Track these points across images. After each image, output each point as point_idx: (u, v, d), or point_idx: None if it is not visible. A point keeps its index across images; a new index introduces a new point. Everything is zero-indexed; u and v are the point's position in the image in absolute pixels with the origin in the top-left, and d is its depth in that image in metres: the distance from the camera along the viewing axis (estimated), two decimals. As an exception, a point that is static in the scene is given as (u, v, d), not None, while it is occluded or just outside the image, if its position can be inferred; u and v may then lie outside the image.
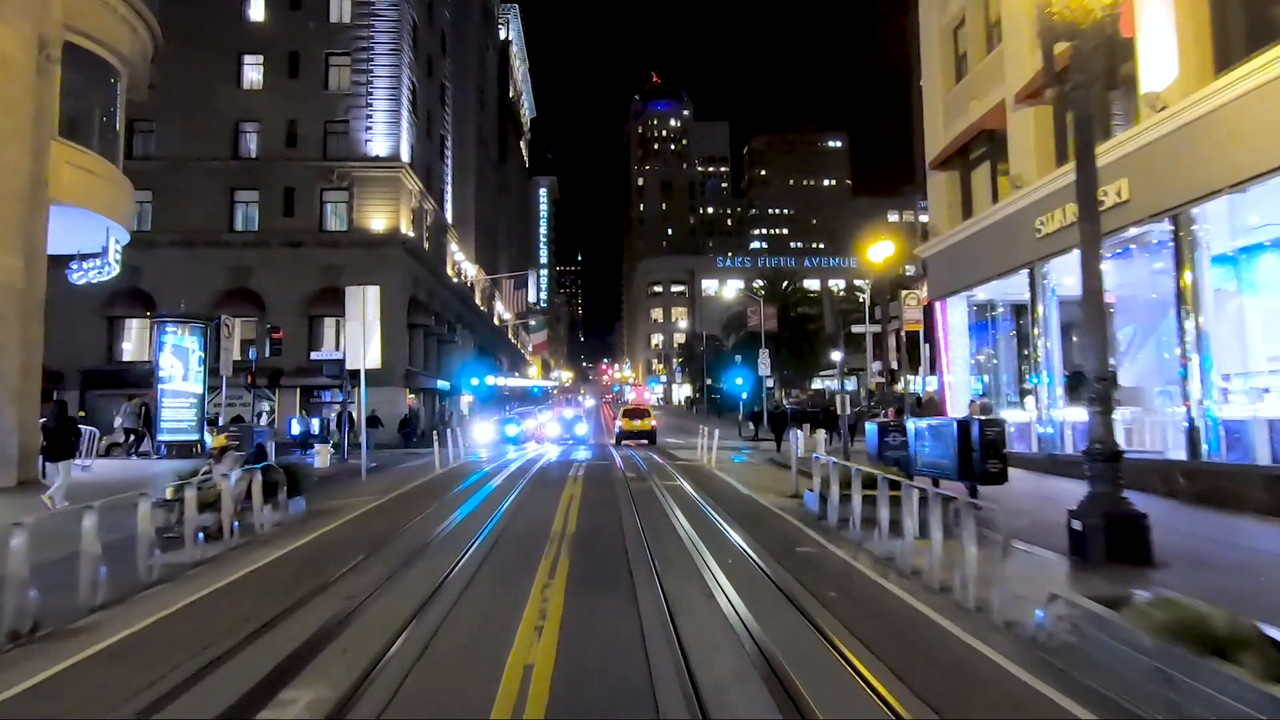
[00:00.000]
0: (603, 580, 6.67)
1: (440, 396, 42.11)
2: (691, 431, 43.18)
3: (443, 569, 6.99)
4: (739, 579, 6.58)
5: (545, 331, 71.69)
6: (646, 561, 7.40)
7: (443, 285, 43.64)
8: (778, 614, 5.58)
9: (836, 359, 56.94)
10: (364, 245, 34.72)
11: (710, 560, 7.44)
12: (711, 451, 19.10)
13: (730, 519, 9.88)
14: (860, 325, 38.00)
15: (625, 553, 7.99)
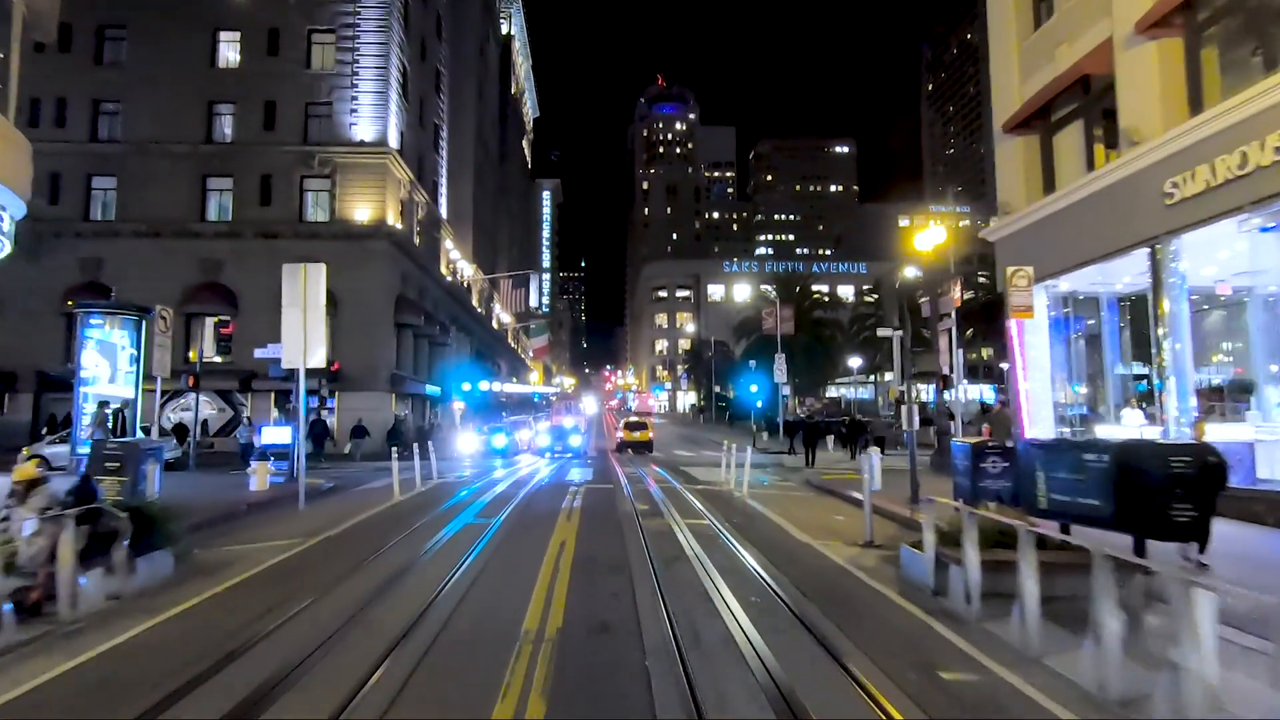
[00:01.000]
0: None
1: (431, 403, 39.14)
2: (701, 443, 40.45)
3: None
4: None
5: (546, 336, 68.73)
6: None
7: (435, 284, 40.72)
8: None
9: (855, 365, 54.10)
10: (347, 237, 31.84)
11: (807, 706, 4.16)
12: (736, 470, 15.93)
13: (803, 596, 6.60)
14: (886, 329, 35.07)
15: (648, 687, 4.48)
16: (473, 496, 13.54)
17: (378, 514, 11.35)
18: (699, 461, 24.02)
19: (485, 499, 13.07)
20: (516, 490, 14.71)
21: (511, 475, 18.69)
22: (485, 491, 14.43)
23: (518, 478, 17.89)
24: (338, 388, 30.80)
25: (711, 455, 28.96)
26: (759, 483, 16.86)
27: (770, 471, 20.70)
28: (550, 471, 19.92)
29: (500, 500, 12.99)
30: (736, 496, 13.40)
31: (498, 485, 15.73)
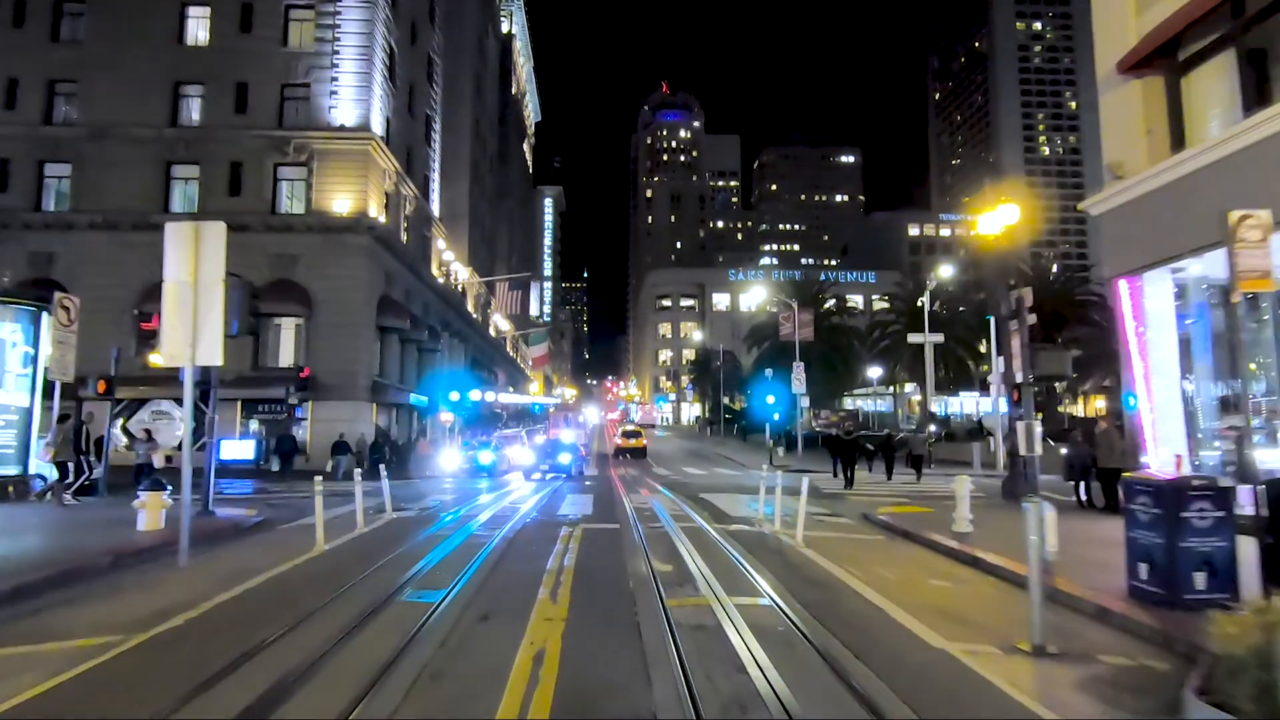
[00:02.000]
0: None
1: (420, 414, 36.03)
2: (712, 459, 37.35)
3: None
4: None
5: (546, 344, 65.72)
6: None
7: (425, 285, 37.74)
8: None
9: (875, 375, 51.01)
10: (324, 230, 28.88)
11: None
12: (769, 495, 12.60)
13: None
14: (917, 335, 32.02)
15: None
16: (425, 544, 9.69)
17: (279, 577, 7.61)
18: (717, 485, 20.68)
19: (441, 549, 9.33)
20: (490, 533, 10.78)
21: (490, 505, 15.08)
22: (445, 535, 10.65)
23: (497, 510, 14.02)
24: (310, 397, 27.74)
25: (728, 475, 25.78)
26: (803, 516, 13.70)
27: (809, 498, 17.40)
28: (539, 500, 16.10)
29: (462, 552, 9.04)
30: (787, 543, 10.01)
31: (467, 523, 12.09)
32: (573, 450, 26.96)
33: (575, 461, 26.19)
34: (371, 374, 29.83)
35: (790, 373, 37.11)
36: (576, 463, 26.41)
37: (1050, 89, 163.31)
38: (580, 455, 28.03)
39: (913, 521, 11.57)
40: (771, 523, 11.73)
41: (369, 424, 29.42)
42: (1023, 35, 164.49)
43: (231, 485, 21.90)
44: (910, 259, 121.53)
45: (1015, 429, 15.60)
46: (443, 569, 7.93)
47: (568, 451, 26.52)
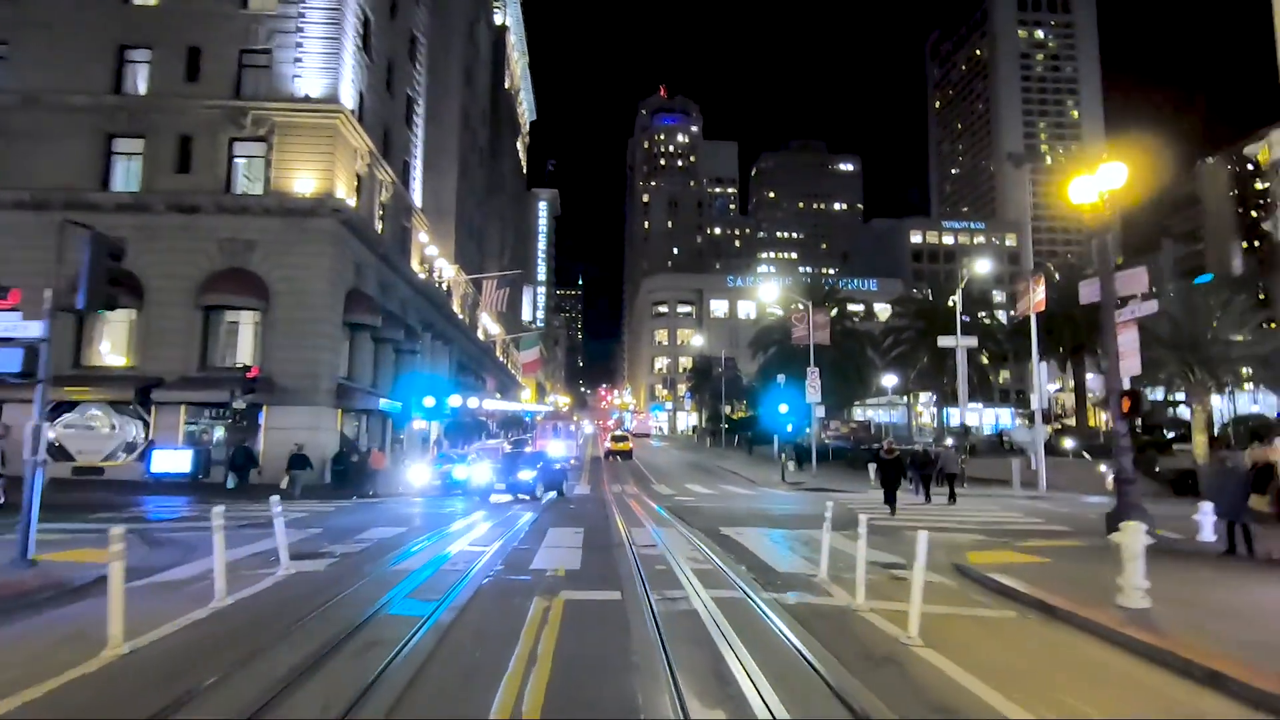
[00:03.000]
0: None
1: (395, 421, 32.59)
2: (717, 474, 33.28)
3: None
4: None
5: (538, 349, 62.44)
6: None
7: (403, 280, 34.42)
8: None
9: (889, 384, 47.86)
10: (284, 213, 25.56)
11: None
12: (825, 546, 9.25)
13: None
14: (948, 337, 28.86)
15: None
16: (294, 642, 5.99)
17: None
18: (735, 512, 16.45)
19: (315, 658, 5.48)
20: (418, 612, 6.92)
21: (444, 544, 11.19)
22: (340, 617, 6.68)
23: (450, 556, 10.09)
24: (264, 400, 24.37)
25: (742, 497, 22.42)
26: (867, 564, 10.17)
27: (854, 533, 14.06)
28: (511, 536, 11.86)
29: (345, 669, 5.29)
30: (892, 634, 6.41)
31: (393, 585, 8.12)
32: (541, 465, 22.18)
33: (545, 477, 21.38)
34: (336, 376, 26.47)
35: (800, 380, 33.91)
36: (550, 476, 21.79)
37: (1052, 97, 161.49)
38: (560, 470, 23.13)
39: (1041, 583, 8.16)
40: (845, 588, 8.25)
41: (332, 432, 26.04)
42: (1024, 43, 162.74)
43: (159, 504, 18.54)
44: (913, 266, 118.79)
45: (1121, 445, 12.39)
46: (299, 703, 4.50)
47: (528, 467, 21.35)
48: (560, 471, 23.12)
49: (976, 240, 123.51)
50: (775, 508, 18.16)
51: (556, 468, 23.35)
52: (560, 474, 22.91)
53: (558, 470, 23.11)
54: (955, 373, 43.30)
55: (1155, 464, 31.80)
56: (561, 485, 22.50)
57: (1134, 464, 33.47)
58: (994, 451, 42.08)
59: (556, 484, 22.23)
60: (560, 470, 23.14)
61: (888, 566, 9.50)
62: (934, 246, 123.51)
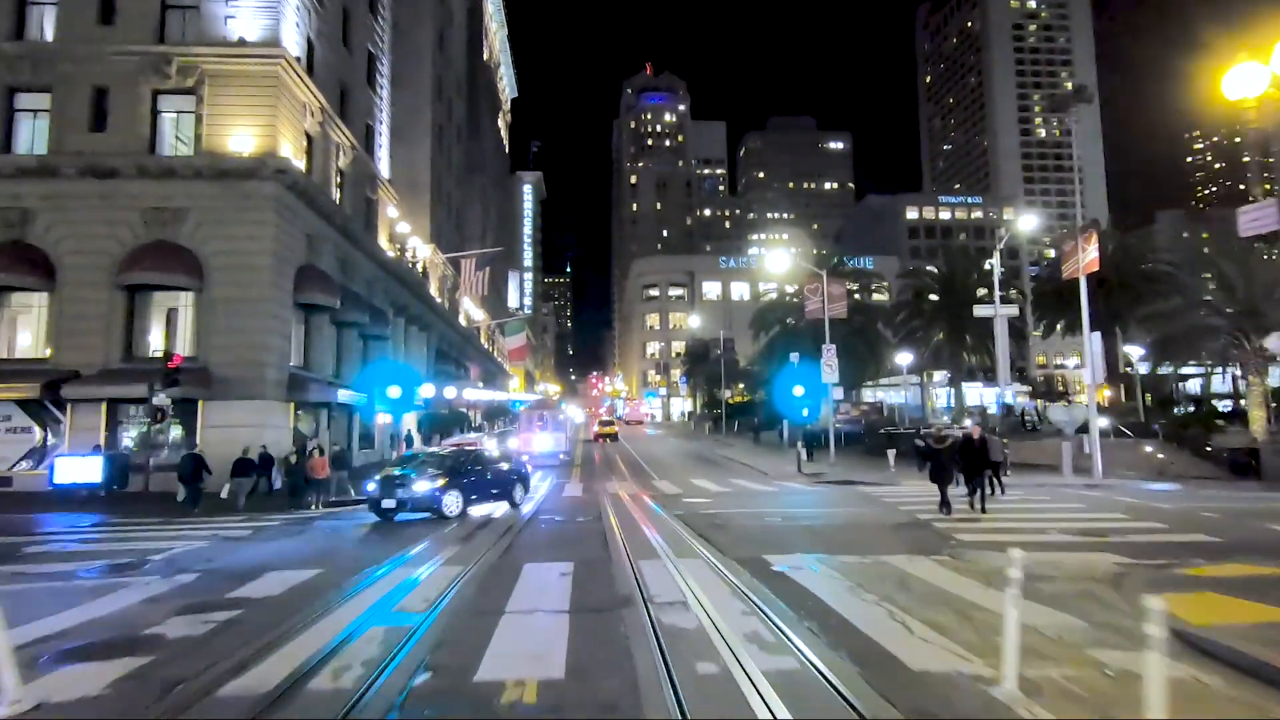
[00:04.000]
0: None
1: (364, 416, 29.08)
2: (723, 465, 29.60)
3: None
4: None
5: (524, 334, 58.97)
6: None
7: (368, 257, 30.83)
8: None
9: (904, 362, 44.70)
10: (218, 176, 21.93)
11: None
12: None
13: None
14: (985, 306, 25.67)
15: None
16: None
17: None
18: (778, 533, 11.83)
19: None
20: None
21: (345, 614, 6.95)
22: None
23: (338, 648, 5.89)
24: (200, 394, 20.92)
25: (762, 496, 19.06)
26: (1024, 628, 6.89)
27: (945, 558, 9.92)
28: (457, 593, 7.75)
29: None
30: None
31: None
32: (472, 468, 16.27)
33: (475, 487, 15.90)
34: (287, 365, 22.98)
35: (809, 359, 30.62)
36: (489, 484, 16.45)
37: (1046, 69, 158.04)
38: (509, 475, 17.37)
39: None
40: (1048, 701, 4.78)
41: (283, 430, 22.58)
42: (1016, 14, 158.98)
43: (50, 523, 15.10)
44: (909, 243, 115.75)
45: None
46: None
47: (423, 478, 15.10)
48: (508, 476, 17.24)
49: (974, 215, 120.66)
50: (810, 512, 14.87)
51: (498, 470, 17.31)
52: (507, 479, 17.08)
53: (503, 474, 17.22)
54: (975, 349, 40.34)
55: (1204, 443, 28.89)
56: (512, 492, 16.93)
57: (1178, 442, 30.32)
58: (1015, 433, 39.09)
59: (501, 492, 16.66)
60: (509, 475, 17.28)
61: (1044, 629, 6.13)
62: (930, 222, 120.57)
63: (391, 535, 12.54)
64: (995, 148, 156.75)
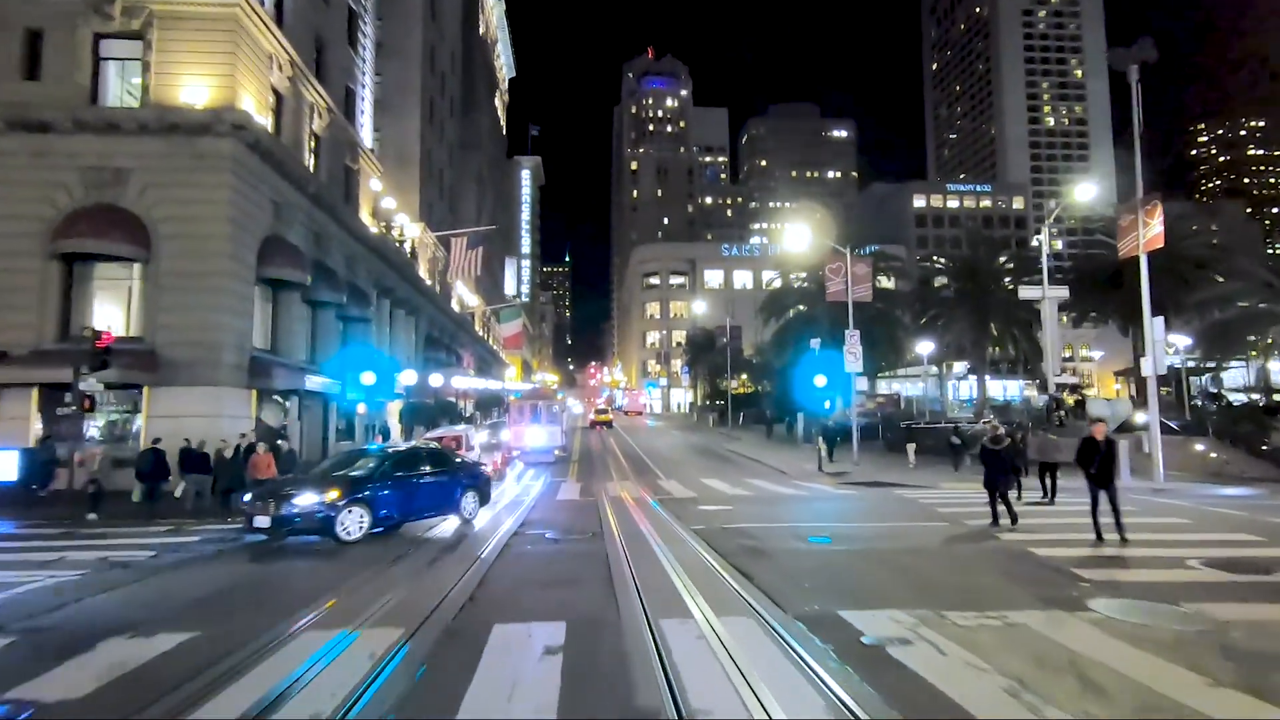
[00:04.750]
0: None
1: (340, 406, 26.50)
2: (733, 462, 26.74)
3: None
4: None
5: (520, 321, 56.41)
6: None
7: (347, 232, 28.17)
8: None
9: (925, 351, 42.13)
10: (167, 131, 19.25)
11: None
12: None
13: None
14: (1032, 288, 23.15)
15: None
16: None
17: None
18: (844, 566, 8.93)
19: None
20: None
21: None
22: None
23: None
24: (144, 379, 18.36)
25: (792, 500, 16.50)
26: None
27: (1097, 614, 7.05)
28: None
29: None
30: None
31: None
32: (356, 484, 11.58)
33: (392, 502, 11.90)
34: (247, 347, 20.37)
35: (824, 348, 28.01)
36: (413, 500, 12.35)
37: (1055, 55, 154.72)
38: (452, 483, 13.26)
39: None
40: None
41: (244, 420, 19.98)
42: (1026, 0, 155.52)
43: None
44: (916, 231, 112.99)
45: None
46: None
47: (308, 488, 11.34)
48: (456, 481, 13.31)
49: (982, 204, 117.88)
50: (860, 529, 12.22)
51: (443, 473, 13.15)
52: (451, 485, 13.15)
53: (447, 479, 13.15)
54: (999, 339, 37.77)
55: (1260, 441, 26.45)
56: (459, 502, 13.17)
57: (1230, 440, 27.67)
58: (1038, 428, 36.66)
59: (441, 504, 12.87)
60: (457, 479, 13.36)
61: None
62: (938, 211, 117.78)
63: (325, 564, 9.80)
64: (1003, 136, 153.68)
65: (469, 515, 13.43)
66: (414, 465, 12.97)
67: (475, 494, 13.76)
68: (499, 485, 20.68)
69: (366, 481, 11.79)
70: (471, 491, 13.66)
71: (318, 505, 10.98)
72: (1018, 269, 37.61)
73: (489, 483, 14.66)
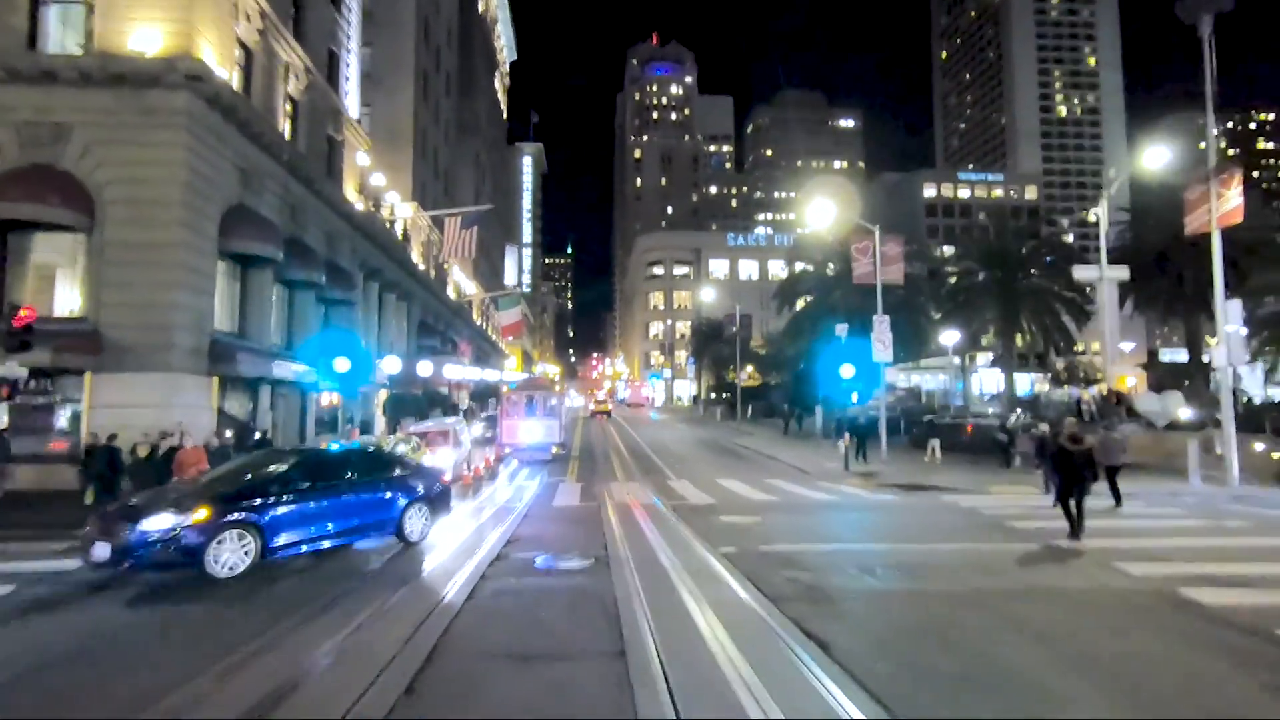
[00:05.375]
0: None
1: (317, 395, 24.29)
2: (749, 459, 23.94)
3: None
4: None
5: (519, 309, 54.13)
6: None
7: (329, 208, 25.87)
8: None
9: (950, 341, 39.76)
10: (112, 82, 16.94)
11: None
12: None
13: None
14: (1087, 268, 20.84)
15: None
16: None
17: None
18: (948, 627, 6.17)
19: None
20: None
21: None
22: None
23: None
24: (84, 364, 16.15)
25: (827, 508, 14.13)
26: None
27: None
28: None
29: None
30: None
31: None
32: (234, 500, 8.63)
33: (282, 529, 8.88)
34: (208, 329, 18.11)
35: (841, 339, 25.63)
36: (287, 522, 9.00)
37: (1068, 43, 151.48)
38: (368, 503, 10.03)
39: None
40: None
41: (204, 410, 17.75)
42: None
43: None
44: (926, 221, 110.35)
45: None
46: None
47: (163, 507, 8.40)
48: (395, 491, 10.35)
49: (994, 194, 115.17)
50: (933, 553, 9.81)
51: (376, 481, 10.26)
52: (384, 495, 10.18)
53: (382, 489, 10.24)
54: (1027, 328, 35.40)
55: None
56: (400, 520, 10.25)
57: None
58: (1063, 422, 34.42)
59: (369, 522, 9.88)
60: (395, 489, 10.37)
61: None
62: (949, 201, 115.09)
63: (174, 623, 6.99)
64: (1013, 126, 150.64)
65: (415, 536, 10.43)
66: (334, 472, 9.95)
67: (425, 508, 10.67)
68: (490, 485, 18.43)
69: (257, 495, 8.74)
70: (419, 505, 10.56)
71: (177, 529, 7.97)
72: (1048, 255, 35.30)
73: (447, 494, 11.60)
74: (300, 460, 9.94)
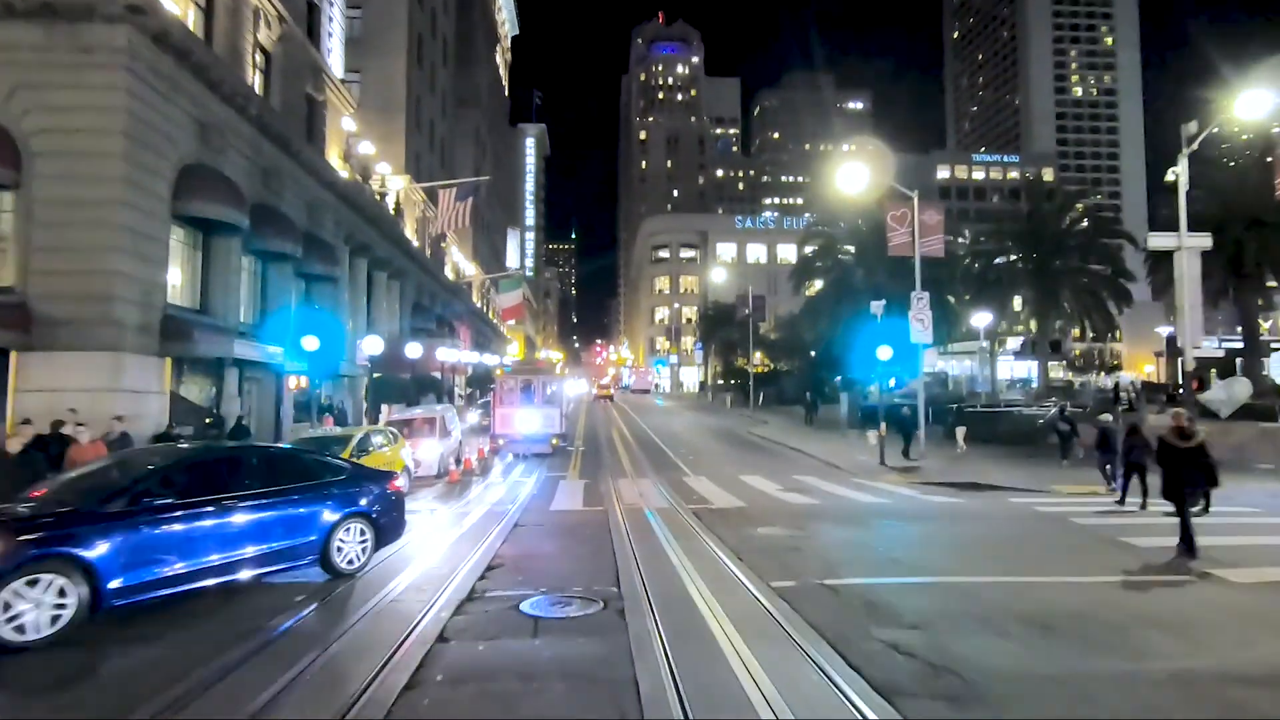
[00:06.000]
0: None
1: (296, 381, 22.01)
2: (768, 450, 21.91)
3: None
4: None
5: (520, 291, 51.83)
6: None
7: (309, 173, 23.50)
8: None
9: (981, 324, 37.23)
10: (39, 13, 14.57)
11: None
12: None
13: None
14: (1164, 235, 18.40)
15: None
16: None
17: None
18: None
19: None
20: None
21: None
22: None
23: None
24: (9, 341, 13.93)
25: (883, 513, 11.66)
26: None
27: None
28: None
29: None
30: None
31: None
32: (65, 523, 5.97)
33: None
34: (160, 302, 15.83)
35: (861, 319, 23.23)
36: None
37: (1085, 22, 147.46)
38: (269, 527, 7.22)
39: None
40: None
41: (154, 394, 15.53)
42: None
43: None
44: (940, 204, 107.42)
45: None
46: None
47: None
48: (314, 505, 7.60)
49: (1009, 175, 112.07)
50: (1054, 589, 7.44)
51: (292, 490, 7.49)
52: (298, 523, 7.40)
53: (299, 503, 7.47)
54: (1066, 311, 32.94)
55: None
56: (324, 545, 7.56)
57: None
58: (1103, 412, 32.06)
59: (279, 551, 7.18)
60: (318, 501, 7.64)
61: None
62: (963, 183, 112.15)
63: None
64: (1028, 107, 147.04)
65: (349, 565, 7.73)
66: (221, 478, 7.16)
67: (364, 526, 7.97)
68: (479, 483, 16.17)
69: (84, 519, 6.03)
70: (355, 523, 7.89)
71: None
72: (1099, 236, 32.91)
73: (398, 505, 8.71)
74: (166, 464, 7.06)
